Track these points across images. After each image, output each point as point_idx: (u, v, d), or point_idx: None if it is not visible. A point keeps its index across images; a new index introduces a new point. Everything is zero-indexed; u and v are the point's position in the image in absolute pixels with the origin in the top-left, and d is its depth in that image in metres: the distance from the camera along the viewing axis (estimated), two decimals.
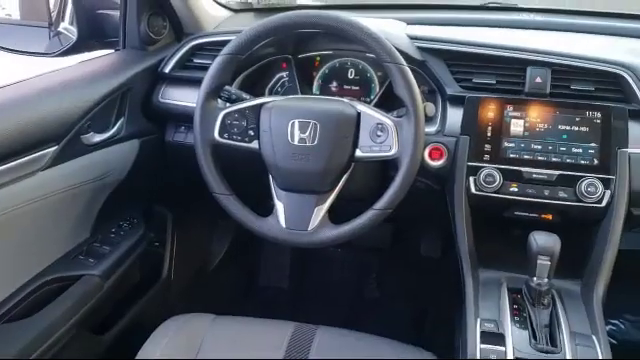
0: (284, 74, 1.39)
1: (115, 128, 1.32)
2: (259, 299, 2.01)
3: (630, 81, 1.15)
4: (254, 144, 1.13)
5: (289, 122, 1.09)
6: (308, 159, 1.09)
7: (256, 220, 1.13)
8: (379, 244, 1.99)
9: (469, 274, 1.15)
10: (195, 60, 1.39)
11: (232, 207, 1.13)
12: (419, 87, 1.09)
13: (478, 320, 1.04)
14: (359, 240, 1.10)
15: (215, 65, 1.13)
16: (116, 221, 1.41)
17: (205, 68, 1.16)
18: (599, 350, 0.97)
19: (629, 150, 1.12)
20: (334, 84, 1.38)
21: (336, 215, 1.11)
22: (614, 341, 1.00)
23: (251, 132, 1.13)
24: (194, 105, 1.15)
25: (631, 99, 1.15)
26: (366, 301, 1.99)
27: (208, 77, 1.13)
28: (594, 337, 1.00)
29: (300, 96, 1.30)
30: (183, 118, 1.36)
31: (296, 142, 1.09)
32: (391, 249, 2.00)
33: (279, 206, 1.12)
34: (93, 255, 1.29)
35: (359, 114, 1.10)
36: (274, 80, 1.40)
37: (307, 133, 1.09)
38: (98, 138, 1.27)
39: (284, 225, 1.11)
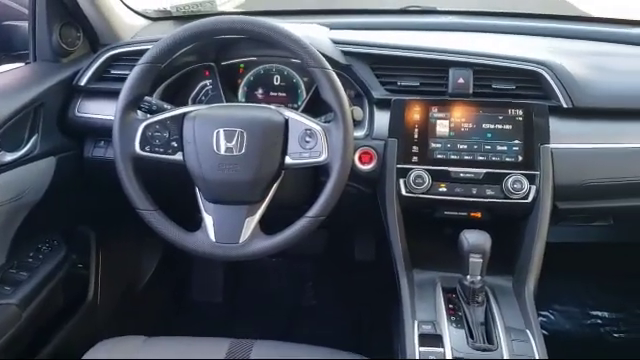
0: (207, 82, 1.34)
1: (29, 146, 1.23)
2: (192, 316, 1.95)
3: (549, 79, 1.19)
4: (178, 156, 1.08)
5: (214, 131, 1.05)
6: (236, 169, 1.05)
7: (184, 235, 1.08)
8: (313, 251, 1.97)
9: (404, 276, 1.15)
10: (112, 71, 1.32)
11: (157, 223, 1.08)
12: (346, 91, 1.08)
13: (415, 322, 1.04)
14: (293, 248, 1.07)
15: (133, 75, 1.08)
16: (34, 244, 1.33)
17: (123, 79, 1.10)
18: (534, 344, 0.99)
19: (551, 146, 1.15)
20: (260, 91, 1.35)
21: (268, 225, 1.08)
22: (545, 332, 1.02)
23: (174, 144, 1.08)
24: (113, 118, 1.09)
25: (550, 96, 1.19)
26: (303, 310, 1.97)
27: (126, 88, 1.08)
28: (528, 331, 1.02)
29: (225, 104, 1.26)
30: (102, 132, 1.29)
31: (222, 152, 1.05)
32: (326, 255, 1.99)
33: (208, 219, 1.07)
34: (9, 282, 1.20)
35: (287, 120, 1.08)
36: (197, 89, 1.35)
37: (234, 142, 1.05)
38: (10, 157, 1.18)
39: (214, 239, 1.06)
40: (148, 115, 1.14)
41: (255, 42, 1.22)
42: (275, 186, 1.09)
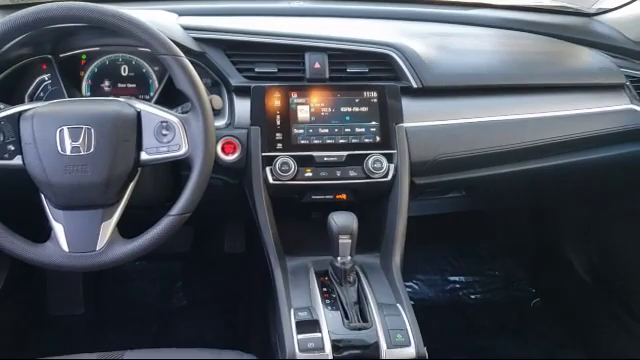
0: (45, 77, 1.21)
1: None
2: (52, 332, 1.78)
3: (399, 60, 1.23)
4: (17, 160, 0.96)
5: (57, 130, 0.95)
6: (85, 170, 0.96)
7: (30, 248, 0.97)
8: (180, 249, 1.89)
9: (277, 264, 1.14)
10: None
11: None
12: (201, 80, 1.03)
13: (292, 311, 1.03)
14: (158, 248, 1.01)
15: None
16: None
17: None
18: (405, 317, 1.02)
19: (405, 125, 1.20)
20: (106, 83, 1.25)
21: (128, 228, 1.00)
22: (412, 302, 1.07)
23: (11, 147, 0.96)
24: None
25: (401, 77, 1.23)
26: (175, 311, 1.89)
27: None
28: (399, 305, 1.05)
29: (67, 100, 1.14)
30: None
31: (68, 152, 0.95)
32: (194, 252, 1.92)
33: (58, 228, 0.97)
34: None
35: (139, 113, 1.00)
36: (34, 85, 1.21)
37: (80, 140, 0.96)
38: None
39: (67, 249, 0.97)
40: None
41: (97, 30, 1.12)
42: (132, 185, 1.01)
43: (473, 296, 2.10)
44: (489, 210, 1.87)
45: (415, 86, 1.23)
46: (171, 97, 1.15)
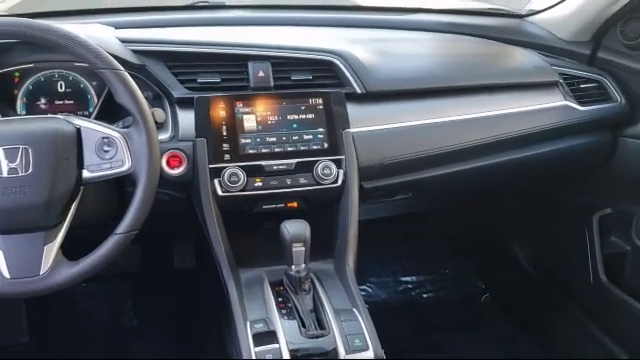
0: None
1: None
2: None
3: (342, 67, 1.25)
4: None
5: None
6: (25, 192, 0.91)
7: None
8: (128, 268, 1.83)
9: (230, 278, 1.12)
10: None
11: None
12: (142, 93, 1.01)
13: (247, 323, 1.02)
14: (105, 268, 0.97)
15: None
16: None
17: None
18: (362, 321, 1.03)
19: (352, 130, 1.21)
20: (43, 101, 1.19)
21: (73, 249, 0.96)
22: (367, 305, 1.08)
23: None
24: None
25: (345, 83, 1.25)
26: (126, 332, 1.83)
27: None
28: (355, 310, 1.06)
29: (1, 119, 1.09)
30: None
31: (5, 174, 0.91)
32: (142, 270, 1.87)
33: None
34: None
35: (79, 130, 0.97)
36: None
37: (18, 161, 0.91)
38: None
39: (7, 275, 0.92)
40: None
41: (30, 47, 1.08)
42: (74, 205, 0.97)
43: (425, 295, 2.13)
44: (436, 210, 1.91)
45: (359, 91, 1.24)
46: (111, 112, 1.12)
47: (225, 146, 1.14)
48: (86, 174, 0.96)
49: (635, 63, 1.45)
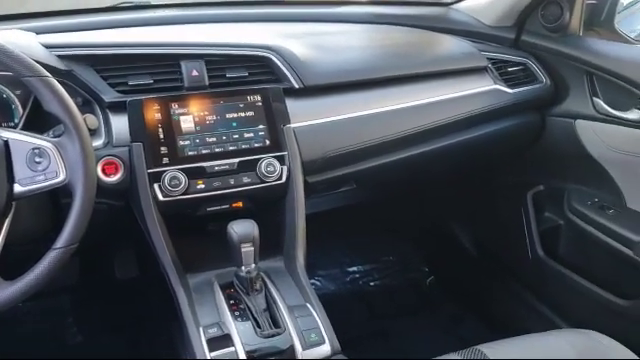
0: None
1: None
2: None
3: (277, 62, 1.23)
4: None
5: None
6: None
7: None
8: (68, 282, 1.75)
9: (178, 284, 1.08)
10: None
11: None
12: (72, 99, 0.96)
13: (200, 329, 0.99)
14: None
15: None
16: None
17: None
18: (316, 316, 1.03)
19: (292, 125, 1.20)
20: None
21: (8, 268, 0.91)
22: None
23: None
24: None
25: (282, 79, 1.24)
26: (70, 349, 1.75)
27: None
28: (308, 305, 1.05)
29: None
30: None
31: None
32: (83, 283, 1.79)
33: None
34: None
35: (6, 142, 0.91)
36: None
37: None
38: None
39: None
40: None
41: None
42: (7, 222, 0.92)
43: (372, 283, 2.16)
44: (379, 199, 1.93)
45: (297, 86, 1.23)
46: (40, 121, 1.06)
47: (163, 149, 1.11)
48: (18, 188, 0.91)
49: (556, 45, 1.52)
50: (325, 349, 0.99)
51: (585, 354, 1.07)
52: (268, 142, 1.17)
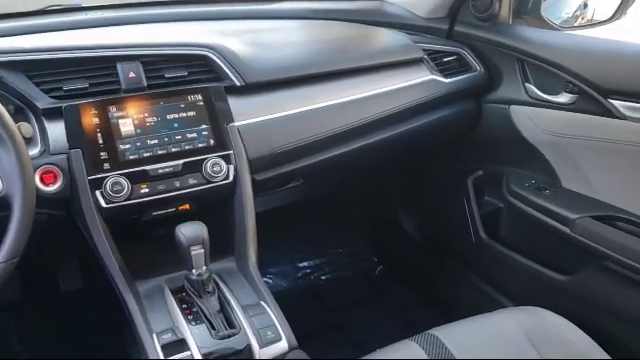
0: None
1: None
2: None
3: (217, 60, 1.22)
4: None
5: None
6: None
7: None
8: (8, 298, 1.68)
9: (128, 292, 1.06)
10: None
11: None
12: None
13: (154, 335, 0.98)
14: None
15: None
16: None
17: None
18: (271, 313, 1.03)
19: (236, 124, 1.19)
20: None
21: None
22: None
23: None
24: None
25: (223, 77, 1.22)
26: None
27: None
28: (263, 303, 1.05)
29: None
30: None
31: None
32: (25, 298, 1.72)
33: None
34: None
35: None
36: None
37: None
38: None
39: None
40: None
41: None
42: None
43: (324, 277, 2.18)
44: (326, 193, 1.95)
45: (238, 84, 1.22)
46: None
47: (103, 154, 1.08)
48: None
49: (488, 34, 1.56)
50: (282, 345, 1.00)
51: (531, 330, 1.12)
52: (212, 142, 1.15)
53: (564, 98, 1.39)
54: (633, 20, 1.49)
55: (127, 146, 1.09)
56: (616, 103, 1.27)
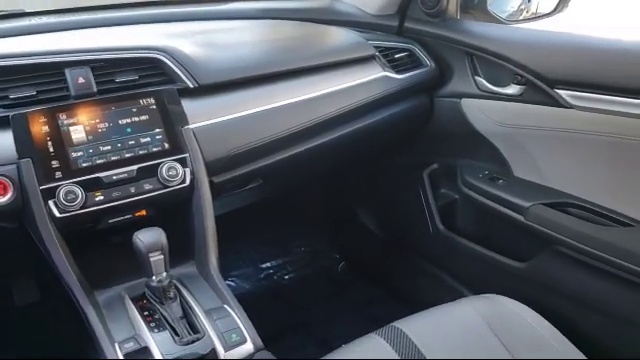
0: None
1: None
2: None
3: (168, 63, 1.20)
4: None
5: None
6: None
7: None
8: None
9: (86, 303, 1.03)
10: None
11: None
12: None
13: (116, 345, 0.96)
14: None
15: None
16: None
17: None
18: (235, 316, 1.02)
19: (191, 126, 1.18)
20: None
21: None
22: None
23: None
24: None
25: (175, 79, 1.21)
26: None
27: None
28: (226, 306, 1.05)
29: None
30: None
31: None
32: None
33: None
34: None
35: None
36: None
37: None
38: None
39: None
40: None
41: None
42: None
43: (287, 276, 2.17)
44: (286, 193, 1.95)
45: (191, 86, 1.21)
46: None
47: (54, 163, 1.05)
48: None
49: (437, 29, 1.59)
50: (247, 347, 0.99)
51: (491, 318, 1.15)
52: (167, 145, 1.14)
53: (513, 90, 1.43)
54: (575, 12, 1.55)
55: (79, 153, 1.07)
56: (562, 93, 1.32)
